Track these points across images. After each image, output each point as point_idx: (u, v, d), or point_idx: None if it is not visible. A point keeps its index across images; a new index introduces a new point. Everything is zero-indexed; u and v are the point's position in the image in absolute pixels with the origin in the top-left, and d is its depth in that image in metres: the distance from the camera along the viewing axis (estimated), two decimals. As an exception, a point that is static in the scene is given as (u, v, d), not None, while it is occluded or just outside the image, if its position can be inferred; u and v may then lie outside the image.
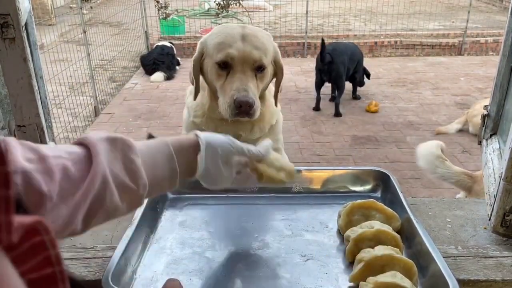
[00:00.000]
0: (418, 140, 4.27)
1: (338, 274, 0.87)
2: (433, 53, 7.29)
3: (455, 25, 8.25)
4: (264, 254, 0.94)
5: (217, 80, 1.19)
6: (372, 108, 4.93)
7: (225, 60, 1.15)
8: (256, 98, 1.14)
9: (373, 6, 9.08)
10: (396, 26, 7.85)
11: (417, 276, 0.81)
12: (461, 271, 0.95)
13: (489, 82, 5.51)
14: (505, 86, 1.26)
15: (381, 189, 1.14)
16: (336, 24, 8.16)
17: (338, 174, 1.18)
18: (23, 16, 0.95)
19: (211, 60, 1.19)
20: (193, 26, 7.73)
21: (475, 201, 1.31)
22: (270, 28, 7.96)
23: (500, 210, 1.08)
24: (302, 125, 4.66)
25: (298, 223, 1.04)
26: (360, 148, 4.08)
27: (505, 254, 1.02)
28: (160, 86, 5.81)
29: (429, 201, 1.29)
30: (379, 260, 0.81)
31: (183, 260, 0.92)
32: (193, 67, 1.23)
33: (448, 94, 5.49)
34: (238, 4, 8.18)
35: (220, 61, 1.16)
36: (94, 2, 9.61)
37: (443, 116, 4.84)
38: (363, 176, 1.17)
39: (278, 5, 10.04)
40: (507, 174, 1.04)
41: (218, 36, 1.19)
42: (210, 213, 1.10)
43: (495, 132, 1.32)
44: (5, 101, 1.00)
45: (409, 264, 0.81)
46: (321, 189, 1.17)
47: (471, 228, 1.15)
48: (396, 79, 6.08)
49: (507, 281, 0.94)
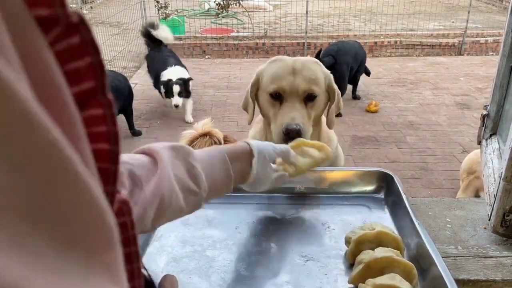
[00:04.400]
0: (418, 140, 4.28)
1: (338, 276, 0.87)
2: (433, 53, 7.29)
3: (455, 25, 8.25)
4: (264, 254, 0.94)
5: (270, 108, 1.32)
6: (372, 108, 4.93)
7: (277, 91, 1.29)
8: (305, 125, 1.24)
9: (373, 6, 9.08)
10: (396, 26, 7.85)
11: (417, 279, 0.81)
12: (461, 271, 0.95)
13: (489, 82, 5.51)
14: (505, 86, 1.26)
15: (384, 190, 1.14)
16: (336, 24, 8.15)
17: (340, 175, 1.18)
18: (23, 16, 0.95)
19: (265, 90, 1.32)
20: (193, 26, 7.73)
21: (475, 201, 1.31)
22: (270, 28, 7.96)
23: (500, 210, 1.08)
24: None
25: (300, 223, 1.04)
26: (360, 148, 4.08)
27: (505, 254, 1.02)
28: (160, 86, 5.81)
29: (429, 201, 1.29)
30: (379, 262, 0.81)
31: (183, 259, 0.92)
32: (249, 92, 1.36)
33: (448, 94, 5.49)
34: (238, 4, 8.17)
35: (272, 92, 1.29)
36: (93, 2, 9.61)
37: (443, 116, 4.84)
38: (366, 177, 1.16)
39: (278, 5, 10.04)
40: (507, 174, 1.04)
41: (272, 68, 1.32)
42: (213, 212, 1.10)
43: (494, 132, 1.32)
44: (6, 101, 1.00)
45: (409, 266, 0.81)
46: (323, 189, 1.17)
47: (471, 228, 1.15)
48: (396, 79, 6.08)
49: (507, 281, 0.94)
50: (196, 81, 6.03)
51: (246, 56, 7.26)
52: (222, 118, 4.71)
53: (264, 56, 7.21)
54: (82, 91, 0.24)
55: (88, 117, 0.25)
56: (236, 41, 7.34)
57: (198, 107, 5.10)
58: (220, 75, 6.33)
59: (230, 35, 7.66)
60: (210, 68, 6.67)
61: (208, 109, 4.99)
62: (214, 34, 7.56)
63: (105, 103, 0.26)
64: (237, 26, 8.21)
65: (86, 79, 0.25)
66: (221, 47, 7.26)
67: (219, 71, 6.50)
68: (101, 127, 0.26)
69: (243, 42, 7.30)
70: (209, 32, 7.67)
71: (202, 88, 5.76)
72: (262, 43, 7.26)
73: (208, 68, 6.66)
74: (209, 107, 5.10)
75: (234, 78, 6.19)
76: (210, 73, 6.39)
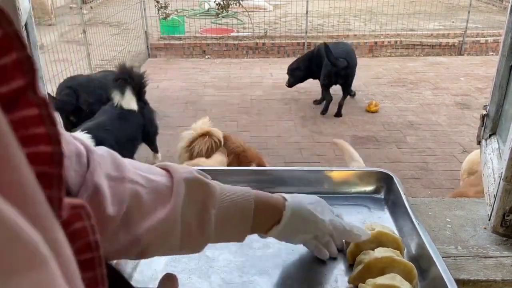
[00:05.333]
0: (418, 140, 4.28)
1: (338, 276, 0.87)
2: (433, 53, 7.30)
3: (455, 25, 8.25)
4: (264, 254, 0.94)
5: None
6: (372, 108, 4.93)
7: None
8: None
9: (373, 6, 9.08)
10: (396, 26, 7.85)
11: (417, 279, 0.81)
12: (461, 271, 0.95)
13: (489, 82, 5.50)
14: (504, 86, 1.26)
15: (384, 190, 1.14)
16: (336, 24, 8.16)
17: (340, 175, 1.18)
18: (23, 16, 0.95)
19: None
20: (193, 26, 7.73)
21: (475, 201, 1.31)
22: (270, 28, 7.97)
23: (500, 210, 1.08)
24: (302, 125, 4.67)
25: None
26: (360, 148, 4.07)
27: (505, 254, 1.02)
28: (160, 86, 5.81)
29: (429, 201, 1.29)
30: (379, 262, 0.81)
31: (183, 258, 0.92)
32: None
33: (448, 94, 5.49)
34: (238, 4, 8.18)
35: None
36: (93, 2, 9.61)
37: (443, 116, 4.84)
38: (366, 177, 1.16)
39: (278, 5, 10.04)
40: (507, 174, 1.04)
41: None
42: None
43: (494, 132, 1.32)
44: (5, 101, 1.00)
45: (409, 266, 0.81)
46: (323, 189, 1.16)
47: (471, 228, 1.15)
48: (396, 79, 6.08)
49: (507, 281, 0.94)
50: (196, 81, 6.04)
51: (246, 56, 7.26)
52: (222, 118, 4.71)
53: (264, 56, 7.22)
54: (11, 90, 0.23)
55: (22, 118, 0.23)
56: (236, 41, 7.34)
57: (198, 107, 5.10)
58: (220, 75, 6.33)
59: (230, 35, 7.66)
60: (210, 68, 6.67)
61: (208, 109, 4.99)
62: (214, 34, 7.57)
63: (40, 102, 0.24)
64: (237, 26, 8.22)
65: (14, 78, 0.23)
66: (221, 47, 7.26)
67: (219, 71, 6.50)
68: (40, 128, 0.24)
69: (243, 42, 7.30)
70: (209, 32, 7.67)
71: (202, 88, 5.76)
72: (262, 43, 7.26)
73: (208, 68, 6.66)
74: (209, 107, 5.10)
75: (234, 78, 6.19)
76: (210, 73, 6.39)
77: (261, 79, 6.15)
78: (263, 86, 5.85)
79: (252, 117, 4.86)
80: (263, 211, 0.72)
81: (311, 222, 0.78)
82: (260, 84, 5.95)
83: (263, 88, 5.77)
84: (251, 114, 4.95)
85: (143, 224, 0.57)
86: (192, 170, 0.65)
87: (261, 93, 5.57)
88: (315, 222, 0.78)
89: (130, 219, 0.57)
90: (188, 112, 4.97)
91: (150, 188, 0.59)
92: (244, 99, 5.38)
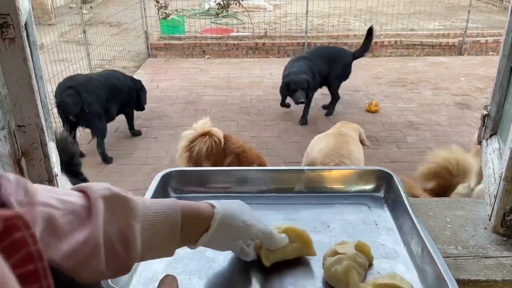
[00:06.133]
0: (418, 140, 4.28)
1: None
2: (433, 53, 7.30)
3: (455, 25, 8.25)
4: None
5: None
6: (372, 108, 4.93)
7: None
8: None
9: (373, 6, 9.08)
10: (396, 26, 7.85)
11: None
12: (461, 271, 0.95)
13: (489, 82, 5.50)
14: (505, 86, 1.26)
15: (384, 189, 1.14)
16: (336, 24, 8.15)
17: (340, 174, 1.18)
18: (23, 16, 0.95)
19: None
20: (193, 26, 7.73)
21: (475, 201, 1.31)
22: (270, 28, 7.96)
23: (500, 210, 1.08)
24: (302, 125, 4.67)
25: (300, 223, 1.04)
26: (360, 148, 4.08)
27: (505, 254, 1.02)
28: (160, 86, 5.81)
29: (429, 201, 1.29)
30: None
31: (183, 259, 0.91)
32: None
33: (448, 94, 5.49)
34: (238, 4, 8.17)
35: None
36: (93, 2, 9.61)
37: (443, 116, 4.84)
38: (366, 175, 1.16)
39: (278, 5, 10.04)
40: (507, 174, 1.03)
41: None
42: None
43: (495, 132, 1.32)
44: (5, 101, 1.00)
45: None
46: (323, 189, 1.16)
47: (471, 228, 1.15)
48: (396, 79, 6.08)
49: (507, 281, 0.94)
50: (196, 81, 6.03)
51: (246, 56, 7.26)
52: (222, 118, 4.71)
53: (264, 56, 7.21)
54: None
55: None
56: (236, 41, 7.34)
57: (198, 107, 5.09)
58: (220, 75, 6.33)
59: (230, 35, 7.65)
60: (210, 68, 6.67)
61: (208, 109, 4.99)
62: (214, 34, 7.56)
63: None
64: (237, 26, 8.21)
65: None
66: (221, 47, 7.26)
67: (219, 71, 6.50)
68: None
69: (243, 42, 7.30)
70: (209, 32, 7.67)
71: (202, 88, 5.76)
72: (262, 43, 7.26)
73: (208, 68, 6.66)
74: (209, 107, 5.10)
75: (234, 78, 6.19)
76: (210, 73, 6.39)
77: (261, 79, 6.15)
78: (263, 86, 5.85)
79: (252, 117, 4.86)
80: (191, 221, 0.70)
81: (241, 228, 0.77)
82: (260, 84, 5.95)
83: (263, 88, 5.77)
84: (251, 114, 4.95)
85: (61, 247, 0.53)
86: (110, 187, 0.61)
87: (261, 93, 5.57)
88: (245, 227, 0.77)
89: (47, 244, 0.52)
90: (187, 112, 4.97)
91: (65, 210, 0.55)
92: (244, 99, 5.38)
